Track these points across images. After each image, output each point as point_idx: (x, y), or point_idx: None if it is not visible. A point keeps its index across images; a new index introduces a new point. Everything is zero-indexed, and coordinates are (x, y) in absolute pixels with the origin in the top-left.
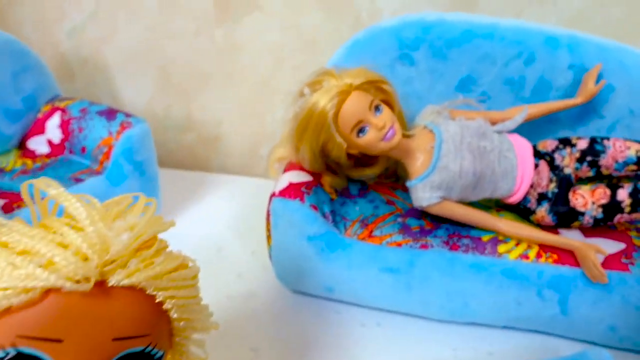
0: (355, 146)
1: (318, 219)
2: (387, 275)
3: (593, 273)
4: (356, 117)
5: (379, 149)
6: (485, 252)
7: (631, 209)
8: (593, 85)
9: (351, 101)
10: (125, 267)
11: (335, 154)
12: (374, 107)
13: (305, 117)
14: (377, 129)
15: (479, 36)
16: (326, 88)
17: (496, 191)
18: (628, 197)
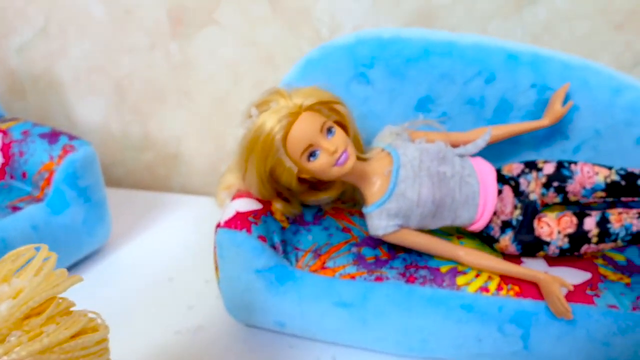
0: (306, 171)
1: (266, 250)
2: (340, 310)
3: (557, 308)
4: (306, 141)
5: (331, 174)
6: (443, 284)
7: (598, 240)
8: (560, 107)
9: (301, 123)
10: (4, 342)
11: (285, 179)
12: (326, 130)
13: (252, 141)
14: (329, 153)
15: (436, 54)
16: (274, 109)
17: (457, 219)
18: (595, 226)
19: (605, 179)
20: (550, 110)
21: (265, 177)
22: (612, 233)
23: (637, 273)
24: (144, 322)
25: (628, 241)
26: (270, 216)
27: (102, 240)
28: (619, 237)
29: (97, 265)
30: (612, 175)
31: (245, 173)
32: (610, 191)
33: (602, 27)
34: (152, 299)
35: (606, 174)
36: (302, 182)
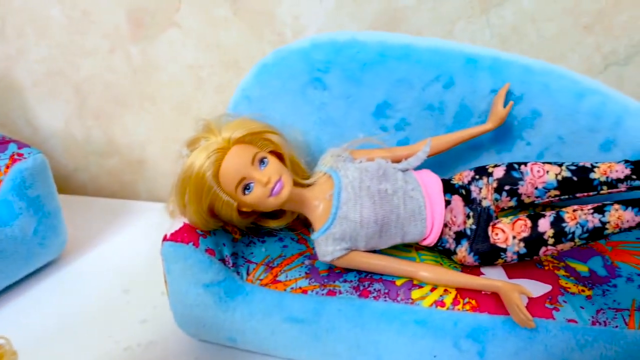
0: (244, 204)
1: (214, 264)
2: (291, 325)
3: (518, 317)
4: (238, 174)
5: (268, 205)
6: (398, 298)
7: (555, 240)
8: (502, 108)
9: (231, 157)
10: None
11: (225, 213)
12: (258, 161)
13: (184, 180)
14: (262, 184)
15: (393, 58)
16: (203, 146)
17: (406, 236)
18: (550, 227)
19: (556, 176)
20: (492, 112)
21: (205, 214)
22: (568, 232)
23: (599, 285)
24: (93, 336)
25: (585, 239)
26: (221, 228)
27: (56, 251)
28: (575, 235)
29: (50, 277)
30: (562, 172)
31: (185, 210)
32: (564, 189)
33: (570, 28)
34: (104, 312)
35: (557, 171)
36: (246, 214)
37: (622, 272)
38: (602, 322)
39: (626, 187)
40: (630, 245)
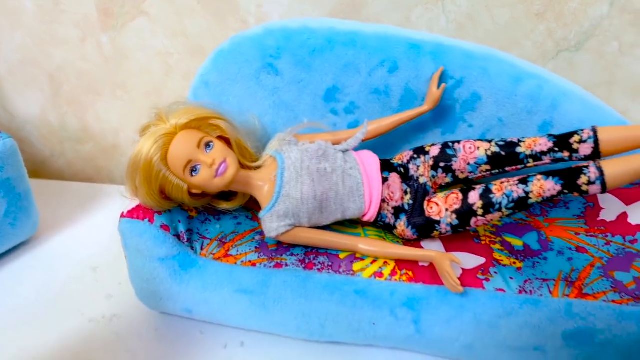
0: (193, 186)
1: (169, 239)
2: (242, 296)
3: (449, 283)
4: (184, 157)
5: (215, 185)
6: (340, 270)
7: (484, 211)
8: (436, 90)
9: (177, 142)
10: None
11: (176, 195)
12: (204, 145)
13: (134, 165)
14: (208, 166)
15: (340, 44)
16: (151, 132)
17: (347, 212)
18: (479, 199)
19: (486, 152)
20: (428, 95)
21: (156, 196)
22: (495, 202)
23: (531, 257)
24: (61, 311)
25: (512, 208)
26: (178, 207)
27: (28, 232)
28: (502, 205)
29: (22, 257)
30: (492, 148)
31: (137, 194)
32: (494, 163)
33: (522, 15)
34: (72, 289)
35: (487, 147)
36: (198, 197)
37: (555, 246)
38: (529, 291)
39: (550, 160)
40: (567, 222)
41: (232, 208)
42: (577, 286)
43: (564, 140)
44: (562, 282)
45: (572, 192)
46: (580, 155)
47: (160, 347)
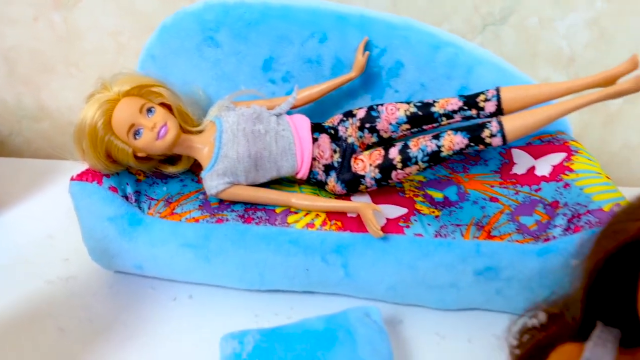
0: (138, 149)
1: (116, 199)
2: (186, 250)
3: (371, 229)
4: (128, 122)
5: (157, 147)
6: (276, 223)
7: (403, 165)
8: (361, 57)
9: (120, 107)
10: None
11: (122, 158)
12: (146, 110)
13: (80, 130)
14: (149, 129)
15: (274, 17)
16: (95, 99)
17: (281, 169)
18: (398, 154)
19: (405, 112)
20: (355, 62)
21: (103, 159)
22: (412, 157)
23: (449, 207)
24: (19, 275)
25: (427, 161)
26: (126, 169)
27: None
28: (418, 159)
29: None
30: (410, 108)
31: (85, 157)
32: (412, 122)
33: None
34: (30, 255)
35: (406, 108)
36: (144, 160)
37: (471, 197)
38: (443, 235)
39: (461, 117)
40: (484, 177)
41: (178, 171)
42: (486, 229)
43: (472, 99)
44: (474, 227)
45: (478, 145)
46: (486, 112)
47: (115, 304)
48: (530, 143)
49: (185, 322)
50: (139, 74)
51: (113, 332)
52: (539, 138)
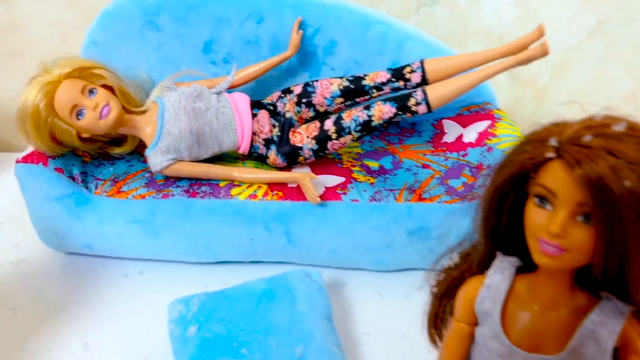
0: (81, 129)
1: (63, 180)
2: (134, 226)
3: (309, 196)
4: (69, 102)
5: (101, 127)
6: (220, 196)
7: (337, 135)
8: (295, 36)
9: (62, 89)
10: None
11: (67, 140)
12: (88, 91)
13: (22, 113)
14: (91, 109)
15: (213, 0)
16: (36, 81)
17: (223, 144)
18: (332, 125)
19: (338, 86)
20: (290, 41)
21: (47, 140)
22: (345, 127)
23: (383, 175)
24: None
25: (360, 130)
26: (72, 151)
27: None
28: (351, 129)
29: None
30: (343, 82)
31: (29, 139)
32: (346, 96)
33: None
34: None
35: (339, 82)
36: (89, 141)
37: (405, 165)
38: (378, 199)
39: (390, 89)
40: (418, 146)
41: (124, 152)
42: (417, 193)
43: (399, 71)
44: (406, 191)
45: (405, 113)
46: (413, 83)
47: (67, 284)
48: (459, 114)
49: (137, 296)
50: (80, 57)
51: (64, 310)
52: (468, 109)
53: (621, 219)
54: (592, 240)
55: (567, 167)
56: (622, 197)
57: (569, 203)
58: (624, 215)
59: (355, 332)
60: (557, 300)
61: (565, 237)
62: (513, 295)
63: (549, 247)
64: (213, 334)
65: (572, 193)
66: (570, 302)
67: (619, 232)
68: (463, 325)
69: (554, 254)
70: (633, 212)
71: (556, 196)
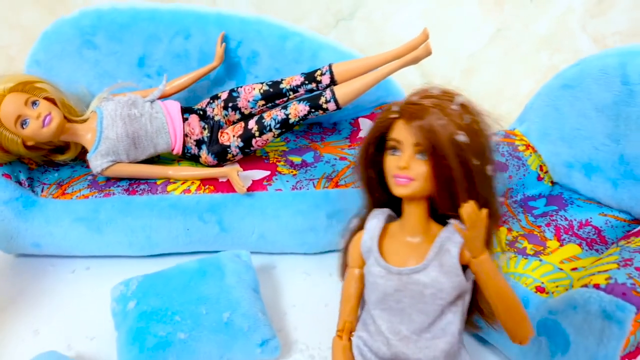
0: (27, 138)
1: (10, 185)
2: (79, 224)
3: (236, 187)
4: (14, 113)
5: (44, 135)
6: (157, 192)
7: (260, 132)
8: (219, 48)
9: (7, 102)
10: None
11: (12, 148)
12: (31, 103)
13: None
14: (34, 118)
15: (143, 20)
16: None
17: (158, 146)
18: (255, 124)
19: (259, 90)
20: (215, 53)
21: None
22: (266, 125)
23: (305, 167)
24: None
25: (279, 127)
26: (18, 159)
27: None
28: (271, 126)
29: None
30: (263, 87)
31: None
32: (266, 98)
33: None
34: None
35: (260, 87)
36: (34, 149)
37: (325, 159)
38: (299, 188)
39: (304, 90)
40: (337, 142)
41: (67, 159)
42: (334, 180)
43: (311, 75)
44: (324, 180)
45: (318, 110)
46: (323, 84)
47: (16, 284)
48: (373, 112)
49: (84, 289)
50: (22, 74)
51: (15, 304)
52: (380, 108)
53: (445, 154)
54: (429, 172)
55: (405, 121)
56: (439, 135)
57: (409, 145)
58: (446, 152)
59: (282, 305)
60: (418, 229)
61: (409, 169)
62: (387, 233)
63: (400, 179)
64: (150, 306)
65: (410, 138)
66: (427, 229)
67: (445, 164)
68: (355, 270)
69: (405, 184)
70: (453, 149)
71: (400, 142)
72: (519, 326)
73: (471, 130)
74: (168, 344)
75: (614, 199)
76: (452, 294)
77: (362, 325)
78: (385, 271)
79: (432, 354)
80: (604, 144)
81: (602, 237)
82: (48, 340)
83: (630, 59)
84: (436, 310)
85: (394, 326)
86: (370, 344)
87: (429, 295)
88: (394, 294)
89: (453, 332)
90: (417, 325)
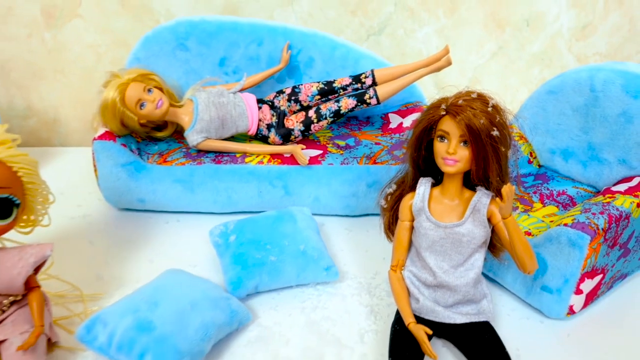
0: (142, 116)
1: (127, 152)
2: (177, 184)
3: (300, 160)
4: (136, 97)
5: (156, 114)
6: (238, 162)
7: (317, 120)
8: (285, 54)
9: (130, 89)
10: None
11: (131, 124)
12: (147, 90)
13: (103, 106)
14: (151, 101)
15: (227, 30)
16: (112, 84)
17: (239, 128)
18: (314, 113)
19: (317, 88)
20: (282, 58)
21: (119, 124)
22: (322, 114)
23: (349, 149)
24: None
25: (332, 116)
26: (129, 135)
27: None
28: (327, 115)
29: None
30: (320, 85)
31: (106, 123)
32: (322, 94)
33: (343, 13)
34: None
35: (317, 86)
36: (143, 126)
37: (363, 143)
38: (346, 163)
39: (352, 89)
40: (372, 132)
41: (164, 136)
42: (372, 159)
43: (357, 77)
44: (365, 158)
45: (363, 104)
46: (366, 84)
47: (121, 231)
48: (400, 109)
49: (179, 233)
50: (138, 68)
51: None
52: (405, 106)
53: (480, 141)
54: (469, 155)
55: (452, 118)
56: (479, 130)
57: (455, 136)
58: (484, 143)
59: (332, 249)
60: (455, 194)
61: (456, 154)
62: (432, 197)
63: (449, 161)
64: (247, 238)
65: (456, 131)
66: (462, 195)
67: (481, 148)
68: (406, 222)
69: (452, 164)
70: (486, 136)
71: (448, 134)
72: (531, 260)
73: (500, 125)
74: (263, 263)
75: (584, 176)
76: (480, 240)
77: (411, 262)
78: (434, 225)
79: (465, 281)
80: (577, 135)
81: (574, 202)
82: (161, 266)
83: (596, 73)
84: (469, 251)
85: (438, 263)
86: (418, 275)
87: (465, 241)
88: (439, 241)
89: (479, 265)
90: (455, 262)
